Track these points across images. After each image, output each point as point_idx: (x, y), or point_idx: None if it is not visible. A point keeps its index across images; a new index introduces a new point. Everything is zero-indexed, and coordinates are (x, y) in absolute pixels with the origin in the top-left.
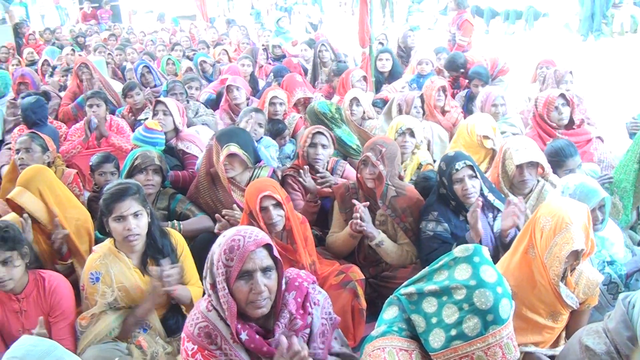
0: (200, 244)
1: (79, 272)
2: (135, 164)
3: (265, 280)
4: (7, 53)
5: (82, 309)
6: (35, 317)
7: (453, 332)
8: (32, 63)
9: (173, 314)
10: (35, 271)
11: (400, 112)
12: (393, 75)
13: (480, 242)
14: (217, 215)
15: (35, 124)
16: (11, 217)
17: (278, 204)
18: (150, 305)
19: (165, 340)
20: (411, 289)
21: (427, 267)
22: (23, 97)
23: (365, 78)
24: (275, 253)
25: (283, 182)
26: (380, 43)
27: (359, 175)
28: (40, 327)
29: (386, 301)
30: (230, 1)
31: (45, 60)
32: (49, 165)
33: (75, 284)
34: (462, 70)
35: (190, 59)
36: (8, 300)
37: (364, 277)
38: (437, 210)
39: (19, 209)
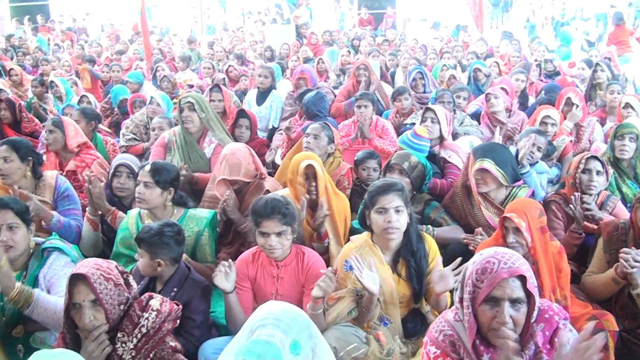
0: (450, 254)
1: (332, 251)
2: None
3: (513, 312)
4: (288, 49)
5: None
6: (289, 285)
7: None
8: (308, 60)
9: (413, 317)
10: (298, 245)
11: None
12: None
13: None
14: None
15: (316, 116)
16: (285, 192)
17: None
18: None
19: (402, 340)
20: None
21: None
22: (302, 92)
23: None
24: (530, 286)
25: (546, 209)
26: None
27: (632, 215)
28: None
29: None
30: (505, 13)
31: (320, 58)
32: (329, 155)
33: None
34: None
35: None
36: (269, 265)
37: (618, 329)
38: None
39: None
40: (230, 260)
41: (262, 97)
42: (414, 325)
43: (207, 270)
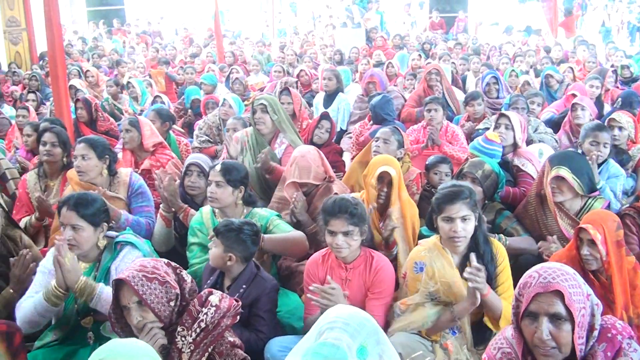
0: (521, 266)
1: (401, 259)
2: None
3: (553, 329)
4: (357, 53)
5: (397, 295)
6: (357, 288)
7: None
8: (379, 64)
9: (482, 324)
10: (367, 249)
11: None
12: None
13: None
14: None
15: (384, 120)
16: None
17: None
18: (468, 306)
19: (470, 349)
20: None
21: None
22: (371, 96)
23: None
24: (568, 302)
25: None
26: None
27: None
28: None
29: None
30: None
31: (390, 62)
32: (398, 160)
33: None
34: None
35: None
36: (337, 267)
37: None
38: None
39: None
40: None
41: (328, 99)
42: (483, 333)
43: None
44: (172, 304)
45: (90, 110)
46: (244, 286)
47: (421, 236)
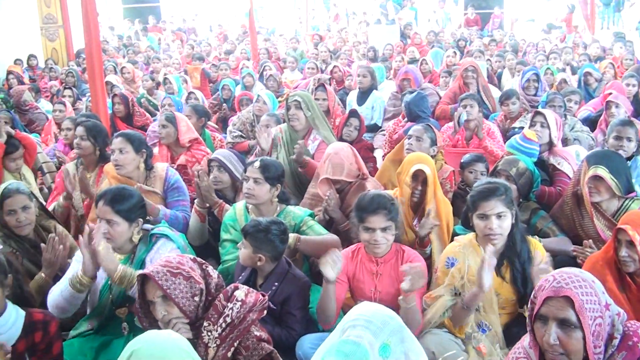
0: (556, 267)
1: (435, 258)
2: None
3: (562, 335)
4: (391, 50)
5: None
6: (388, 282)
7: None
8: (413, 61)
9: (518, 323)
10: (397, 244)
11: None
12: None
13: None
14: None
15: (418, 117)
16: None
17: None
18: (476, 291)
19: (502, 349)
20: None
21: None
22: (404, 93)
23: None
24: (578, 310)
25: None
26: None
27: None
28: None
29: None
30: (616, 13)
31: (424, 59)
32: (431, 157)
33: None
34: None
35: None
36: (368, 262)
37: None
38: None
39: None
40: (338, 251)
41: (362, 97)
42: (518, 331)
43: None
44: (196, 299)
45: (128, 106)
46: (276, 283)
47: (455, 235)
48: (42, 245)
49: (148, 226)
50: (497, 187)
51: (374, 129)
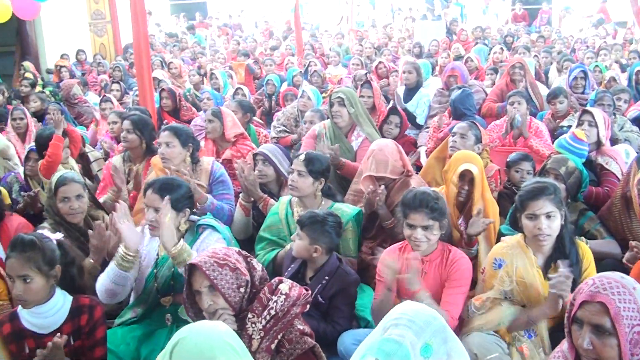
0: (603, 270)
1: (481, 258)
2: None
3: (596, 340)
4: (437, 46)
5: (473, 293)
6: (433, 280)
7: None
8: (459, 57)
9: (562, 328)
10: (444, 243)
11: None
12: None
13: None
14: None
15: (463, 114)
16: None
17: None
18: (547, 310)
19: (547, 354)
20: None
21: None
22: (451, 90)
23: None
24: (614, 317)
25: None
26: None
27: None
28: None
29: None
30: None
31: (469, 56)
32: None
33: None
34: None
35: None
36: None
37: None
38: None
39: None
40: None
41: (409, 94)
42: (563, 336)
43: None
44: (242, 290)
45: (175, 100)
46: (326, 278)
47: (501, 235)
48: (90, 231)
49: (194, 217)
50: (547, 187)
51: (419, 126)
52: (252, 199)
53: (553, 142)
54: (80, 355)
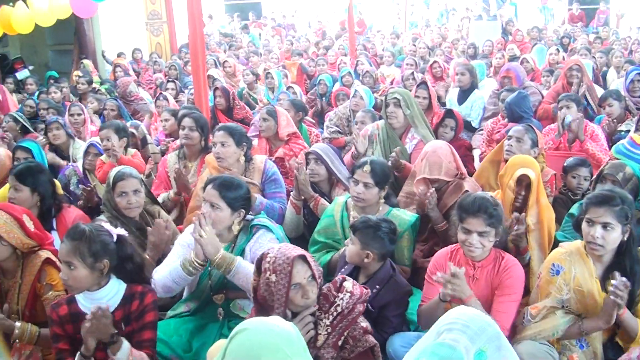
0: None
1: (534, 266)
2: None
3: None
4: (491, 47)
5: (526, 300)
6: (484, 287)
7: None
8: (513, 58)
9: (612, 345)
10: (498, 250)
11: None
12: None
13: None
14: None
15: (520, 117)
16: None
17: None
18: (601, 323)
19: None
20: None
21: None
22: (501, 91)
23: None
24: None
25: None
26: None
27: None
28: None
29: None
30: None
31: (525, 57)
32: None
33: None
34: None
35: None
36: (465, 264)
37: None
38: None
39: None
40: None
41: (463, 96)
42: (616, 352)
43: None
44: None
45: (229, 99)
46: (377, 286)
47: (556, 242)
48: (148, 228)
49: (248, 217)
50: (613, 197)
51: (473, 128)
52: (303, 198)
53: (611, 148)
54: (131, 340)
